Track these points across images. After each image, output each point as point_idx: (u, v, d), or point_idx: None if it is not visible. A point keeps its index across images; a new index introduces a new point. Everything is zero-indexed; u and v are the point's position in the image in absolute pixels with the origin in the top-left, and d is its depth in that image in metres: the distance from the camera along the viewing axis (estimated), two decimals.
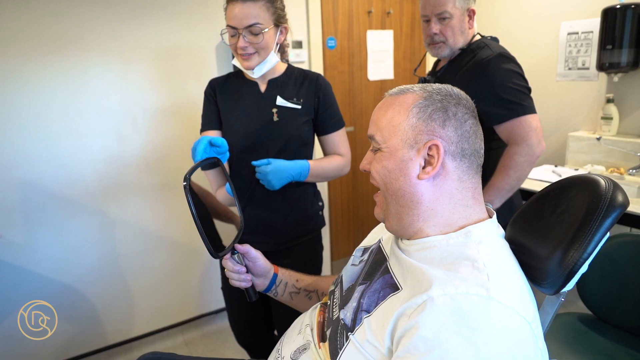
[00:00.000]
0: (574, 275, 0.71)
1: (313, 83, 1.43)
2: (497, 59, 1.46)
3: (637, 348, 1.31)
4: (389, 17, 2.84)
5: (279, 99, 1.41)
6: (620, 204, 0.71)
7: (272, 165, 1.34)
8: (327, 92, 1.45)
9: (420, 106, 0.77)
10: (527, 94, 1.45)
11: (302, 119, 1.41)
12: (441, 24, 1.51)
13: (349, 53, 2.71)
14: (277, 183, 1.34)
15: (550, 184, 0.87)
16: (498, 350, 0.59)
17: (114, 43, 1.98)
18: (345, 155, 1.51)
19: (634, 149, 2.08)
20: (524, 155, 1.41)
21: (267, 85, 1.43)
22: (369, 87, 2.85)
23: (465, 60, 1.54)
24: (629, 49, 2.06)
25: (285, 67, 1.46)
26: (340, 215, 2.91)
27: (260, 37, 1.31)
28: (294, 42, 2.44)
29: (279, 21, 1.36)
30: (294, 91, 1.42)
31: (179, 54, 2.13)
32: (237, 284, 1.03)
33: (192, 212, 0.88)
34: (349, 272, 0.96)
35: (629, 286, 1.35)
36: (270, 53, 1.36)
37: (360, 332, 0.74)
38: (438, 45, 1.54)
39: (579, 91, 2.36)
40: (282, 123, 1.40)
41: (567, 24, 2.35)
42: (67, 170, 1.97)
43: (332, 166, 1.46)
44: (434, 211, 0.77)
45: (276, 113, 1.40)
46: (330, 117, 1.46)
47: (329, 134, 1.48)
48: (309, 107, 1.42)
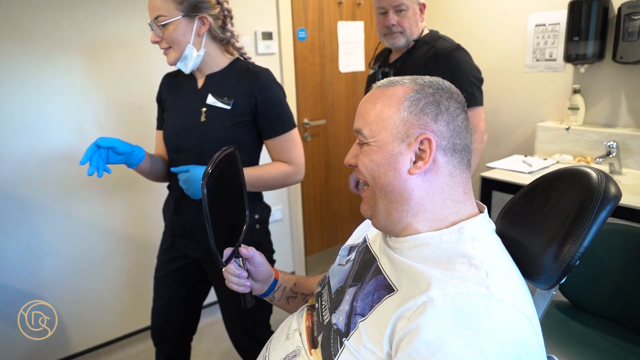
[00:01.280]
0: (571, 269, 0.70)
1: (251, 80, 1.28)
2: (457, 51, 1.63)
3: (614, 334, 1.34)
4: (360, 8, 2.80)
5: (209, 97, 1.29)
6: (614, 195, 0.71)
7: (189, 174, 1.23)
8: (268, 91, 1.29)
9: (412, 99, 0.75)
10: (480, 87, 1.64)
11: (231, 121, 1.28)
12: (398, 15, 1.62)
13: (319, 44, 2.66)
14: (197, 192, 1.23)
15: (539, 177, 0.86)
16: (502, 350, 0.57)
17: (75, 35, 1.85)
18: (294, 162, 1.35)
19: (600, 138, 2.14)
20: (479, 142, 1.62)
21: (204, 81, 1.32)
22: (341, 79, 2.82)
23: (422, 51, 1.66)
24: (594, 40, 2.10)
25: (230, 61, 1.34)
26: (314, 209, 2.87)
27: (168, 30, 1.21)
28: (264, 34, 2.36)
29: (193, 10, 1.23)
30: (229, 89, 1.29)
31: (143, 46, 2.02)
32: (234, 287, 0.95)
33: (207, 218, 0.80)
34: (336, 272, 0.93)
35: (605, 273, 1.38)
36: (186, 47, 1.24)
37: (356, 337, 0.71)
38: (395, 36, 1.65)
39: (546, 82, 2.40)
40: (209, 124, 1.28)
41: (534, 15, 2.38)
42: (23, 168, 1.84)
43: (272, 175, 1.32)
44: (424, 207, 0.75)
45: (205, 113, 1.29)
46: (272, 119, 1.30)
47: (271, 139, 1.32)
48: (243, 108, 1.28)
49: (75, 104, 1.91)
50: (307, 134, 2.71)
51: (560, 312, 1.48)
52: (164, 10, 1.20)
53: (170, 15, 1.20)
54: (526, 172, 2.13)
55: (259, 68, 1.33)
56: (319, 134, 2.79)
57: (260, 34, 2.35)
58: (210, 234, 0.80)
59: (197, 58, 1.27)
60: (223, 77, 1.32)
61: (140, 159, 1.27)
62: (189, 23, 1.23)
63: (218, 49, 1.33)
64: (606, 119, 2.21)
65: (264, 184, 1.33)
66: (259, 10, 2.34)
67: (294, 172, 1.35)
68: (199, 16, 1.24)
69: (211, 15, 1.26)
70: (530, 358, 0.59)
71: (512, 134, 2.59)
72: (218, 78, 1.32)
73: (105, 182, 2.02)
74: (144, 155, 1.29)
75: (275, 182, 1.34)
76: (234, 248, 0.92)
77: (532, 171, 2.14)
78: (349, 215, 3.07)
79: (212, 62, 1.32)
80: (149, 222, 2.18)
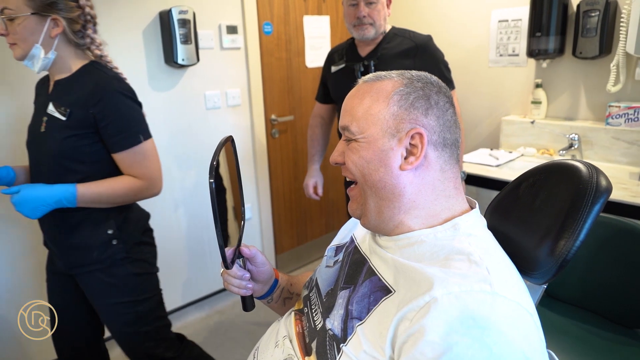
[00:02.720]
0: (567, 264, 0.70)
1: (90, 91, 1.18)
2: (432, 42, 1.76)
3: (586, 321, 1.38)
4: (325, 2, 2.77)
5: (50, 105, 1.21)
6: (605, 188, 0.71)
7: (19, 195, 1.15)
8: (107, 104, 1.18)
9: (402, 93, 0.73)
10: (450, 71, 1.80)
11: (68, 132, 1.19)
12: (369, 7, 1.67)
13: (286, 39, 2.61)
14: (31, 213, 1.16)
15: (526, 172, 0.86)
16: (510, 348, 0.56)
17: None
18: (145, 177, 1.26)
19: (562, 131, 2.21)
20: (461, 122, 1.77)
21: (52, 87, 1.25)
22: (307, 74, 2.78)
23: (396, 42, 1.75)
24: (555, 36, 2.17)
25: (81, 65, 1.24)
26: (283, 206, 2.82)
27: (14, 25, 1.13)
28: (229, 27, 2.29)
29: (45, 10, 1.14)
30: (71, 97, 1.20)
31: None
32: (235, 290, 0.88)
33: (216, 218, 0.72)
34: (324, 274, 0.89)
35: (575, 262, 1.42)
36: (33, 47, 1.15)
37: (354, 342, 0.68)
38: (365, 27, 1.70)
39: (509, 77, 2.46)
40: (47, 135, 1.21)
41: (497, 12, 2.43)
42: None
43: (117, 192, 1.23)
44: (416, 203, 0.73)
45: (45, 122, 1.22)
46: (114, 133, 1.21)
47: (116, 153, 1.23)
48: (81, 120, 1.18)
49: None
50: (275, 130, 2.65)
51: None
52: (12, 3, 1.11)
53: (18, 10, 1.12)
54: (494, 166, 2.17)
55: (108, 76, 1.23)
56: (287, 130, 2.74)
57: (225, 27, 2.27)
58: (219, 235, 0.73)
59: (45, 60, 1.18)
60: (69, 84, 1.23)
61: (10, 179, 1.25)
62: (40, 22, 1.14)
63: (73, 54, 1.23)
64: (567, 112, 2.29)
65: (107, 200, 1.24)
66: (224, 2, 2.26)
67: (145, 187, 1.27)
68: (52, 17, 1.15)
69: (67, 18, 1.18)
70: (535, 354, 0.59)
71: (477, 128, 2.64)
72: (65, 85, 1.23)
73: None
74: (13, 175, 1.26)
75: (121, 198, 1.25)
76: (235, 248, 0.85)
77: (499, 164, 2.18)
78: (319, 213, 3.04)
79: (63, 66, 1.23)
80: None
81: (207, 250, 2.45)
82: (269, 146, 2.65)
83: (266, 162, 2.63)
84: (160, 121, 2.14)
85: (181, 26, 2.02)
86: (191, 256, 2.39)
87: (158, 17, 2.04)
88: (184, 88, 2.19)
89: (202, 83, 2.25)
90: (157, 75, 2.09)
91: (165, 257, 2.28)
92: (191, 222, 2.35)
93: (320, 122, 2.06)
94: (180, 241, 2.33)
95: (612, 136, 2.08)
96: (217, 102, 2.32)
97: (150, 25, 2.02)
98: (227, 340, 2.22)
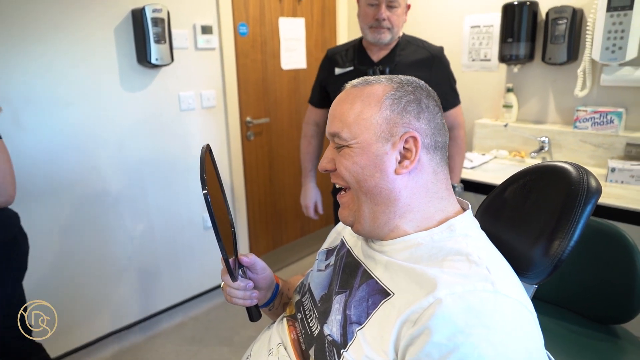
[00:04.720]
0: (562, 263, 0.71)
1: None
2: (443, 53, 1.74)
3: (563, 318, 1.42)
4: (300, 4, 2.76)
5: None
6: (596, 189, 0.73)
7: None
8: None
9: (393, 97, 0.73)
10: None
11: None
12: (390, 10, 1.58)
13: (261, 40, 2.58)
14: None
15: (515, 174, 0.87)
16: (514, 346, 0.57)
17: None
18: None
19: (533, 134, 2.28)
20: (465, 135, 1.85)
21: None
22: (283, 76, 2.76)
23: (410, 50, 1.69)
24: (525, 42, 2.24)
25: None
26: (258, 210, 2.79)
27: None
28: (204, 27, 2.24)
29: None
30: None
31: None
32: (241, 302, 0.84)
33: (216, 230, 0.70)
34: (316, 278, 0.88)
35: None
36: None
37: (355, 347, 0.66)
38: (383, 31, 1.60)
39: (482, 81, 2.52)
40: None
41: (470, 17, 2.48)
42: None
43: None
44: (411, 207, 0.73)
45: None
46: None
47: None
48: None
49: None
50: (250, 132, 2.62)
51: None
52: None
53: None
54: (468, 168, 2.21)
55: None
56: (262, 132, 2.71)
57: (200, 27, 2.22)
58: (222, 248, 0.71)
59: None
60: None
61: None
62: None
63: None
64: (537, 115, 2.36)
65: None
66: (199, 1, 2.21)
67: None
68: None
69: None
70: (537, 352, 0.60)
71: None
72: None
73: (31, 189, 1.80)
74: None
75: None
76: (234, 258, 0.82)
77: (473, 166, 2.23)
78: (294, 216, 3.02)
79: None
80: (76, 232, 1.98)
81: (181, 256, 2.39)
82: (244, 149, 2.61)
83: (241, 165, 2.59)
84: (132, 122, 2.07)
85: (155, 25, 1.96)
86: (164, 261, 2.32)
87: (130, 15, 1.97)
88: (157, 89, 2.13)
89: (177, 84, 2.20)
90: (130, 75, 2.02)
91: (137, 263, 2.21)
92: (164, 226, 2.29)
93: (316, 131, 1.92)
94: (152, 246, 2.26)
95: (580, 139, 2.16)
96: (191, 103, 2.27)
97: (123, 23, 1.96)
98: (203, 347, 2.16)
